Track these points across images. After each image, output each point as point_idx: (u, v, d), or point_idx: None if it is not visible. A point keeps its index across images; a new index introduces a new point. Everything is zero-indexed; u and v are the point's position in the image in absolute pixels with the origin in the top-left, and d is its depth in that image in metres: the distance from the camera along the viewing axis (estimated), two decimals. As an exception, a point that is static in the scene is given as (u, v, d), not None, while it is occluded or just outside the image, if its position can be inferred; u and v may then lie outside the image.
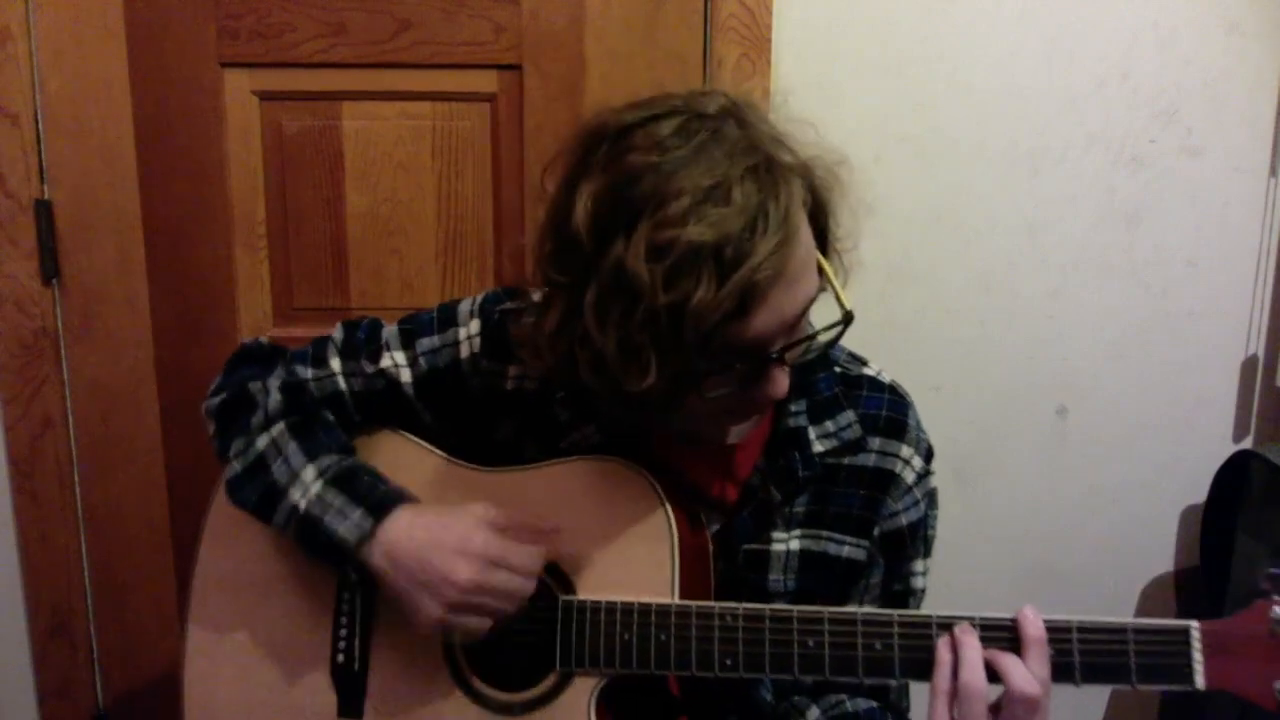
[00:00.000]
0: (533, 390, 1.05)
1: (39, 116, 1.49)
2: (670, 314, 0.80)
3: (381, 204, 1.56)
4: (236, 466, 1.05)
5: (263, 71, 1.52)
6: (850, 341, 1.12)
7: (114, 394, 1.57)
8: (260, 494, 1.03)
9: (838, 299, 0.91)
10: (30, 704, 1.64)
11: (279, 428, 1.04)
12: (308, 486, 0.99)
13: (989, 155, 1.57)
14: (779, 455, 1.02)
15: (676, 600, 0.95)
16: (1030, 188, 1.59)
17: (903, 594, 1.08)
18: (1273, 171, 1.60)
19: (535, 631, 0.99)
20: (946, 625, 0.90)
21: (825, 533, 1.03)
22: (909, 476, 1.05)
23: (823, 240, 0.92)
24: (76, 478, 1.59)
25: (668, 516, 0.97)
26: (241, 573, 1.08)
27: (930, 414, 1.12)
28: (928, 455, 1.07)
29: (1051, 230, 1.60)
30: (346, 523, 0.97)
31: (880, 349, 1.14)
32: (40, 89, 1.49)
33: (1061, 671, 0.88)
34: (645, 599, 0.96)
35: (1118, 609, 1.72)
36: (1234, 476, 1.61)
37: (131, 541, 1.62)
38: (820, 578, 1.03)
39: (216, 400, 1.10)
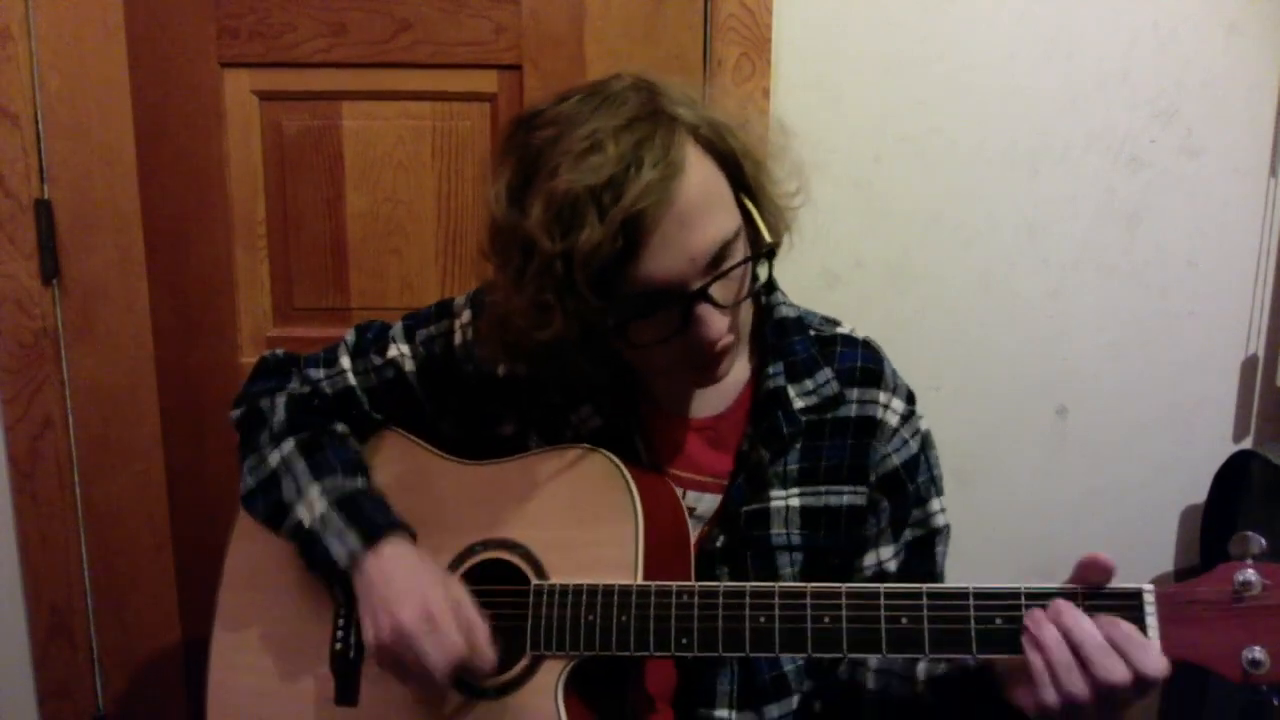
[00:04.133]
0: (524, 375, 1.09)
1: (39, 116, 1.50)
2: (564, 261, 0.86)
3: (381, 204, 1.56)
4: (250, 481, 1.12)
5: (263, 71, 1.52)
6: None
7: (114, 394, 1.58)
8: (269, 508, 1.09)
9: (760, 233, 0.96)
10: (30, 704, 1.64)
11: (289, 445, 1.10)
12: (313, 505, 1.05)
13: (989, 155, 1.57)
14: (763, 418, 1.06)
15: (639, 581, 0.97)
16: (1030, 188, 1.59)
17: (926, 538, 1.10)
18: (1273, 171, 1.60)
19: (512, 617, 1.01)
20: (896, 596, 0.90)
21: (822, 487, 1.06)
22: (892, 419, 1.08)
23: (749, 188, 0.97)
24: (76, 478, 1.59)
25: (632, 498, 0.99)
26: (263, 571, 1.14)
27: (930, 414, 1.12)
28: (909, 398, 1.10)
29: (1051, 230, 1.60)
30: (341, 545, 1.02)
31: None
32: (40, 89, 1.49)
33: (1005, 640, 0.87)
34: (611, 580, 0.97)
35: (1118, 609, 1.72)
36: (1234, 476, 1.61)
37: (131, 541, 1.62)
38: (827, 530, 1.06)
39: (235, 415, 1.17)
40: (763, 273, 0.99)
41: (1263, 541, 0.80)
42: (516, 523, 1.04)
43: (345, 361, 1.15)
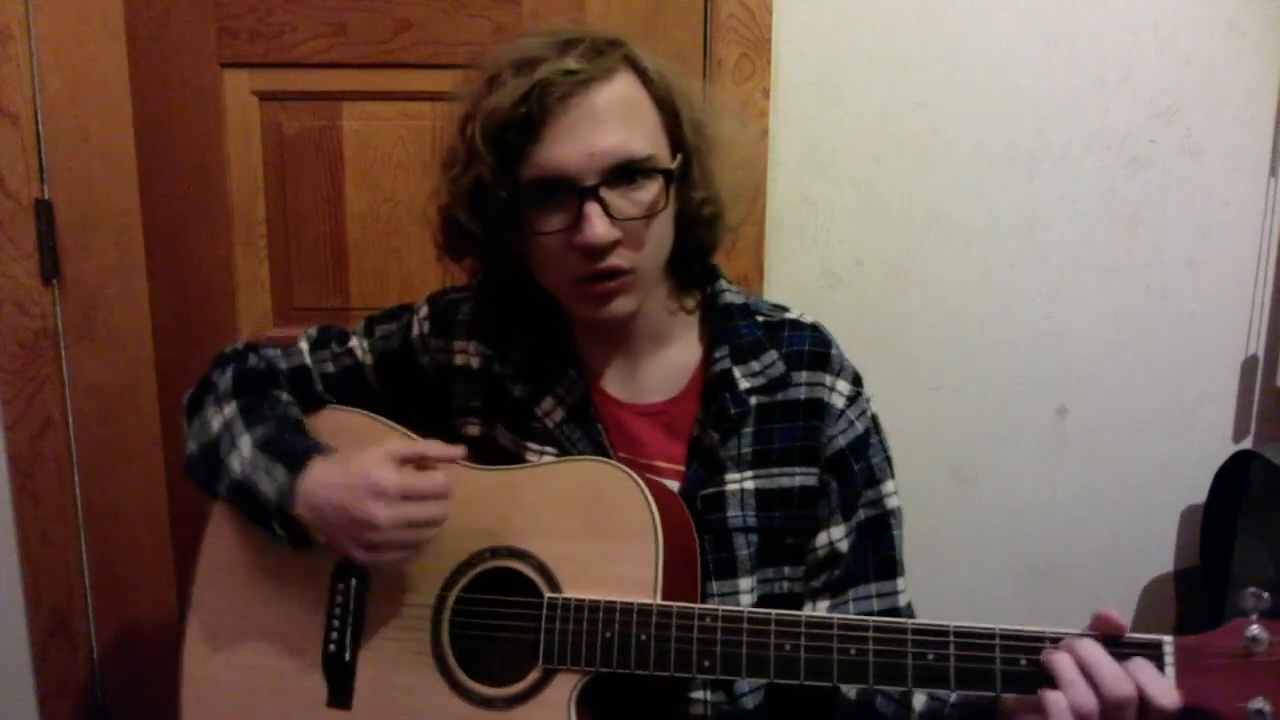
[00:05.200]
0: (478, 368, 1.12)
1: (39, 116, 1.49)
2: (473, 120, 0.96)
3: (381, 204, 1.56)
4: (192, 446, 1.12)
5: (263, 71, 1.52)
6: (851, 339, 1.14)
7: (114, 394, 1.57)
8: (207, 469, 1.09)
9: (667, 164, 0.99)
10: (30, 704, 1.64)
11: (231, 408, 1.11)
12: (243, 454, 1.06)
13: (989, 155, 1.57)
14: (712, 400, 1.07)
15: (659, 600, 0.96)
16: (1030, 188, 1.59)
17: (880, 519, 1.10)
18: (1273, 171, 1.60)
19: (521, 628, 1.01)
20: (923, 632, 0.90)
21: (775, 470, 1.07)
22: (838, 401, 1.08)
23: (686, 149, 1.01)
24: (76, 478, 1.59)
25: (653, 516, 0.98)
26: (242, 561, 1.12)
27: (930, 414, 1.12)
28: (855, 379, 1.11)
29: (1051, 230, 1.60)
30: (271, 481, 1.02)
31: (880, 349, 1.15)
32: (40, 89, 1.49)
33: (1028, 681, 0.88)
34: (628, 598, 0.96)
35: (1118, 609, 1.71)
36: (1234, 476, 1.61)
37: (131, 541, 1.62)
38: (781, 511, 1.06)
39: (187, 397, 1.18)
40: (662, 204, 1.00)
41: (1265, 595, 0.86)
42: (527, 532, 1.03)
43: (304, 346, 1.19)
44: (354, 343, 1.18)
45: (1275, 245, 1.62)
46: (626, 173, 0.96)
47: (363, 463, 0.98)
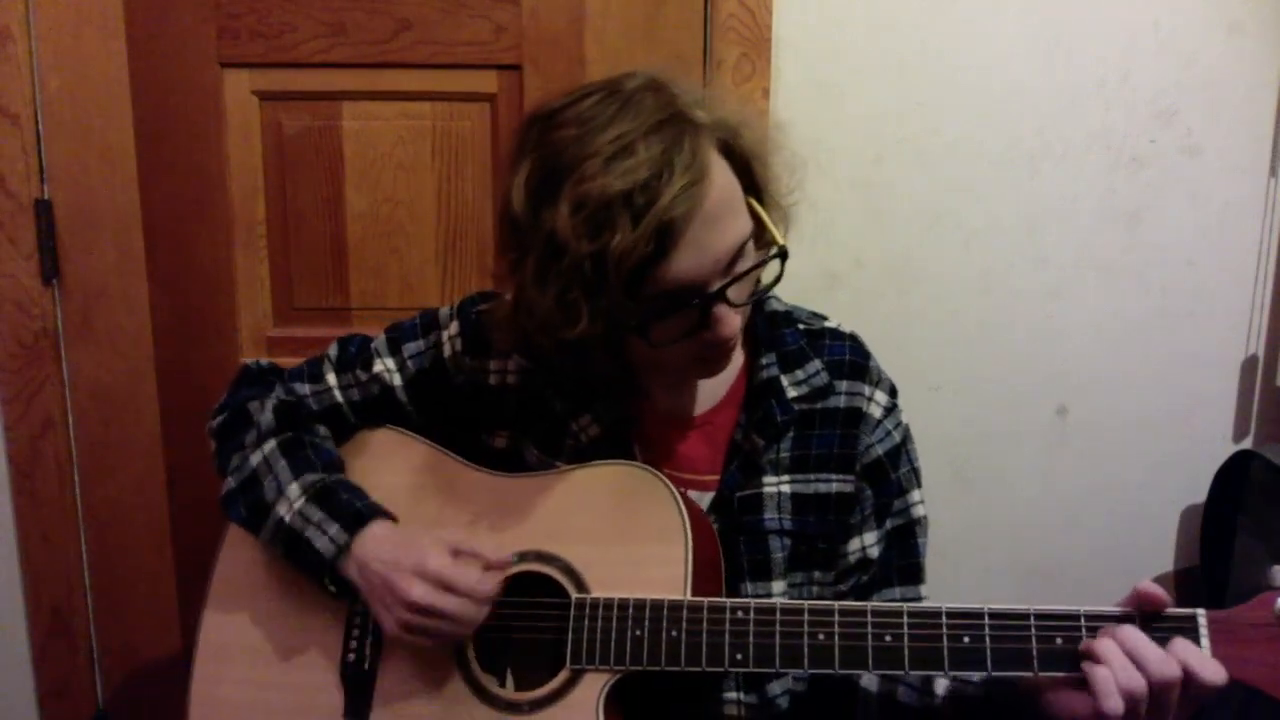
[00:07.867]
0: (515, 385, 1.10)
1: (39, 116, 1.49)
2: (594, 262, 0.87)
3: (381, 204, 1.56)
4: (231, 482, 1.11)
5: (263, 71, 1.52)
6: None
7: (114, 394, 1.57)
8: (249, 508, 1.08)
9: (771, 237, 0.97)
10: (30, 704, 1.64)
11: (270, 445, 1.10)
12: (292, 502, 1.05)
13: (989, 155, 1.57)
14: (757, 406, 1.07)
15: (688, 597, 0.96)
16: (1030, 188, 1.59)
17: (906, 527, 1.12)
18: (1273, 171, 1.60)
19: (547, 630, 1.00)
20: (958, 615, 0.91)
21: (812, 475, 1.08)
22: (875, 411, 1.10)
23: (758, 190, 0.98)
24: (76, 478, 1.59)
25: (682, 517, 0.98)
26: (259, 572, 1.11)
27: (930, 414, 1.13)
28: (891, 391, 1.13)
29: (1051, 230, 1.60)
30: (324, 537, 1.02)
31: (880, 349, 1.15)
32: (40, 89, 1.49)
33: (1065, 659, 0.88)
34: (657, 596, 0.96)
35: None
36: (1234, 476, 1.61)
37: (131, 541, 1.62)
38: (816, 516, 1.07)
39: (217, 421, 1.17)
40: (769, 275, 1.00)
41: None
42: (554, 536, 1.02)
43: (331, 378, 1.15)
44: (379, 367, 1.13)
45: (1275, 245, 1.62)
46: (737, 257, 0.93)
47: (420, 543, 0.99)
